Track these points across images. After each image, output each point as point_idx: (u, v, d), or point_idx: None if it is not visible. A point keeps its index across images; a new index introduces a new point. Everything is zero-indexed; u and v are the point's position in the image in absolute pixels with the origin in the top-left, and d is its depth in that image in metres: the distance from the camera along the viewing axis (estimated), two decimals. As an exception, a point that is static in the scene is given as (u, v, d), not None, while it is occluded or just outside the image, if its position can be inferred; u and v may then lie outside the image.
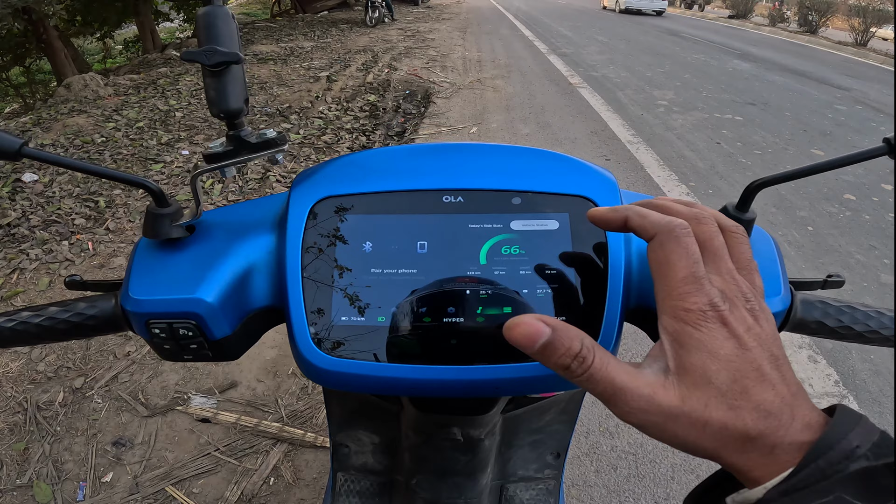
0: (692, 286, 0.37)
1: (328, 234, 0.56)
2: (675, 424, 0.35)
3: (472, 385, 0.55)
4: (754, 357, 0.36)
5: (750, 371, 0.35)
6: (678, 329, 0.37)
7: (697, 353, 0.36)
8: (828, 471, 0.32)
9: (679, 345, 0.37)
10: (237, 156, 0.59)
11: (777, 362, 0.36)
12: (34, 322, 0.58)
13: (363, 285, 0.55)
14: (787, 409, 0.34)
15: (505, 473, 1.06)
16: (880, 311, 0.62)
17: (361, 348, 0.54)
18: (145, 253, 0.59)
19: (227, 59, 0.55)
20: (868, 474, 0.31)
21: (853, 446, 0.32)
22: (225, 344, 0.58)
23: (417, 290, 0.55)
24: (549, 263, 0.55)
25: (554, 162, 0.61)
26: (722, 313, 0.36)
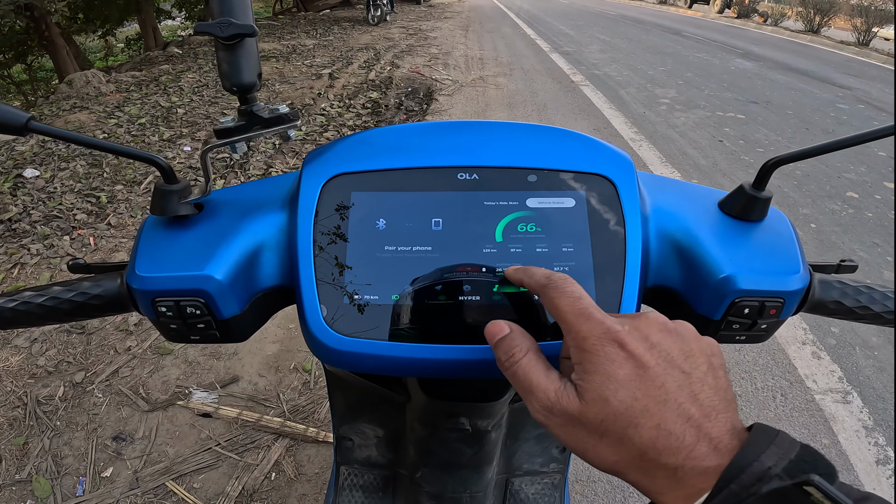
0: (582, 317, 0.40)
1: (340, 212, 0.55)
2: (574, 430, 0.38)
3: (488, 365, 0.54)
4: (657, 375, 0.37)
5: (651, 390, 0.36)
6: (579, 358, 0.39)
7: (596, 376, 0.37)
8: (741, 494, 0.31)
9: (582, 370, 0.39)
10: (249, 130, 0.58)
11: (689, 380, 0.37)
12: (36, 302, 0.57)
13: (376, 263, 0.54)
14: (693, 430, 0.35)
15: (510, 467, 1.05)
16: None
17: (374, 327, 0.53)
18: (152, 231, 0.58)
19: (241, 32, 0.53)
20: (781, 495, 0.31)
21: (766, 467, 0.32)
22: (233, 324, 0.57)
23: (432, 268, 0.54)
24: (566, 241, 0.54)
25: (570, 140, 0.61)
26: (618, 335, 0.38)
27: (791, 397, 2.44)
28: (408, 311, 0.53)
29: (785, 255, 0.58)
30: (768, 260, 0.57)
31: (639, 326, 0.39)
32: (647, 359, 0.37)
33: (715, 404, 0.36)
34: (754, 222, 0.60)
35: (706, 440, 0.34)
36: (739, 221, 0.60)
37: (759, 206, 0.59)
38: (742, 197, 0.60)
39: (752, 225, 0.60)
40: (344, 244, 0.54)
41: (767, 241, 0.59)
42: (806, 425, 2.30)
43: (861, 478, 2.08)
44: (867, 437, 2.25)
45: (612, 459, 0.37)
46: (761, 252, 0.57)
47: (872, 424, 2.32)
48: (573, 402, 0.38)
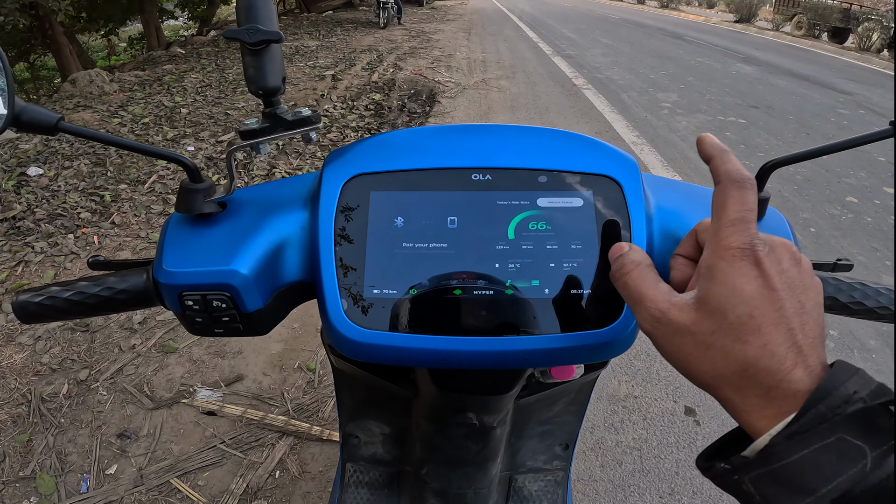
0: (738, 227, 0.40)
1: (360, 210, 0.57)
2: (681, 340, 0.40)
3: (502, 356, 0.56)
4: (778, 298, 0.38)
5: (770, 311, 0.37)
6: (712, 263, 0.40)
7: (721, 287, 0.38)
8: (828, 414, 0.33)
9: (709, 277, 0.39)
10: (273, 132, 0.60)
11: (802, 310, 0.38)
12: (63, 297, 0.59)
13: (395, 259, 0.56)
14: (793, 356, 0.36)
15: (514, 464, 1.07)
16: (890, 289, 0.64)
17: (393, 320, 0.55)
18: (177, 228, 0.60)
19: (268, 38, 0.56)
20: (866, 415, 0.33)
21: (851, 392, 0.34)
22: (256, 317, 0.59)
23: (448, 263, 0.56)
24: (575, 239, 0.56)
25: (579, 143, 0.63)
26: (757, 253, 0.38)
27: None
28: (425, 304, 0.55)
29: None
30: None
31: (776, 249, 0.40)
32: (775, 282, 0.38)
33: (815, 337, 0.38)
34: None
35: (803, 366, 0.36)
36: None
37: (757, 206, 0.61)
38: None
39: None
40: (363, 241, 0.56)
41: None
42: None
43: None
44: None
45: (712, 373, 0.39)
46: None
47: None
48: (686, 314, 0.40)
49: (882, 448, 0.32)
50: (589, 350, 0.56)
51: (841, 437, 0.33)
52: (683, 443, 2.16)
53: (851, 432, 0.33)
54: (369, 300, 0.55)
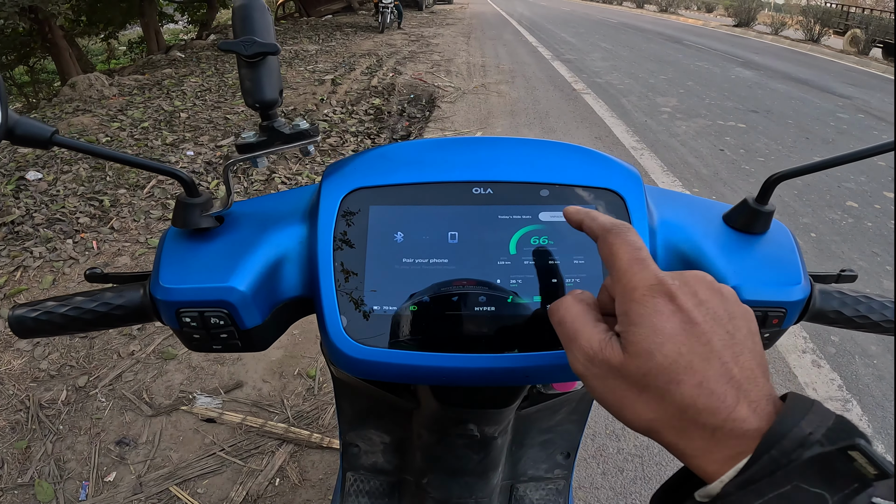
0: (637, 266, 0.39)
1: (359, 225, 0.57)
2: (614, 383, 0.38)
3: (503, 373, 0.56)
4: (703, 331, 0.36)
5: (697, 346, 0.35)
6: (627, 308, 0.38)
7: (642, 329, 0.36)
8: (782, 460, 0.31)
9: (627, 320, 0.38)
10: (270, 146, 0.59)
11: (732, 341, 0.36)
12: (59, 312, 0.58)
13: (395, 275, 0.55)
14: (733, 391, 0.34)
15: (515, 473, 1.06)
16: None
17: (393, 337, 0.55)
18: (174, 242, 0.59)
19: (264, 50, 0.55)
20: (824, 461, 0.31)
21: (806, 433, 0.32)
22: (255, 334, 0.59)
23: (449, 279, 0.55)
24: (577, 254, 0.56)
25: (581, 155, 0.62)
26: (669, 288, 0.37)
27: (792, 407, 2.45)
28: (425, 320, 0.55)
29: (787, 267, 0.60)
30: (771, 272, 0.59)
31: (688, 282, 0.38)
32: (695, 314, 0.36)
33: (753, 368, 0.36)
34: (757, 235, 0.63)
35: (746, 402, 0.34)
36: (743, 234, 0.63)
37: (762, 219, 0.62)
38: (745, 210, 0.62)
39: (755, 237, 0.62)
40: (363, 256, 0.56)
41: (770, 253, 0.61)
42: (807, 435, 2.31)
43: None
44: (867, 447, 2.26)
45: (650, 417, 0.36)
46: (764, 264, 0.60)
47: (872, 432, 2.32)
48: (616, 353, 0.38)
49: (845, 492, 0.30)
50: None
51: (797, 485, 0.31)
52: (685, 450, 2.16)
53: (809, 480, 0.31)
54: (369, 317, 0.55)
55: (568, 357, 0.41)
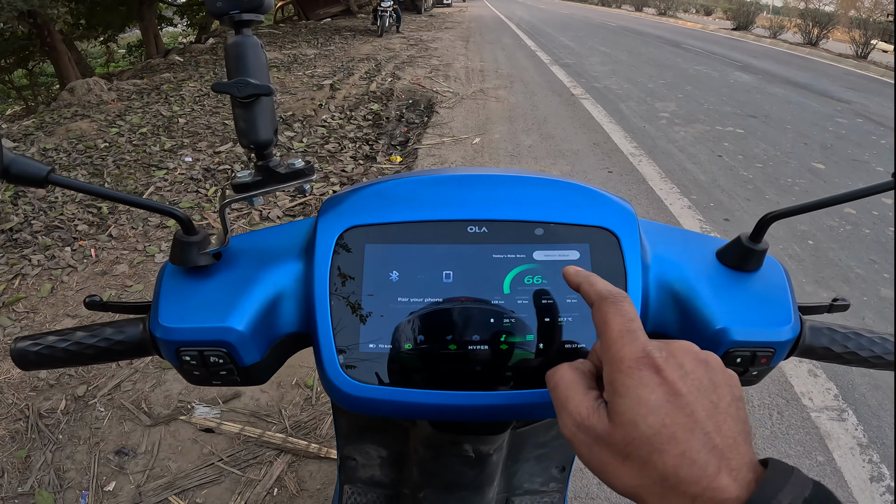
0: (626, 338, 0.40)
1: (355, 264, 0.58)
2: (599, 449, 0.39)
3: (495, 409, 0.57)
4: (687, 403, 0.37)
5: (680, 417, 0.36)
6: (613, 378, 0.39)
7: (627, 400, 0.38)
8: None
9: (613, 391, 0.39)
10: (266, 186, 0.59)
11: (716, 410, 0.37)
12: (60, 347, 0.59)
13: (390, 314, 0.56)
14: (715, 460, 0.35)
15: (511, 487, 1.07)
16: (884, 337, 0.65)
17: (389, 374, 0.56)
18: (172, 279, 0.60)
19: (258, 92, 0.55)
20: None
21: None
22: (253, 370, 0.60)
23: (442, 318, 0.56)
24: (570, 293, 0.57)
25: (575, 193, 0.63)
26: (655, 361, 0.38)
27: (787, 415, 2.46)
28: (420, 359, 0.56)
29: (777, 306, 0.60)
30: (761, 311, 0.60)
31: (674, 353, 0.39)
32: (679, 386, 0.37)
33: (735, 435, 0.36)
34: (750, 272, 0.63)
35: (727, 471, 0.34)
36: (735, 272, 0.63)
37: (754, 257, 0.62)
38: (739, 248, 0.62)
39: (747, 275, 0.63)
40: (359, 295, 0.57)
41: (761, 291, 0.61)
42: (801, 442, 2.32)
43: (855, 494, 2.10)
44: (861, 455, 2.27)
45: (633, 483, 0.37)
46: (754, 303, 0.60)
47: (867, 442, 2.33)
48: (602, 421, 0.39)
49: None
50: None
51: None
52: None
53: None
54: (365, 354, 0.56)
55: (558, 421, 0.43)
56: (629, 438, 0.37)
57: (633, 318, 0.41)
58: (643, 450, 0.36)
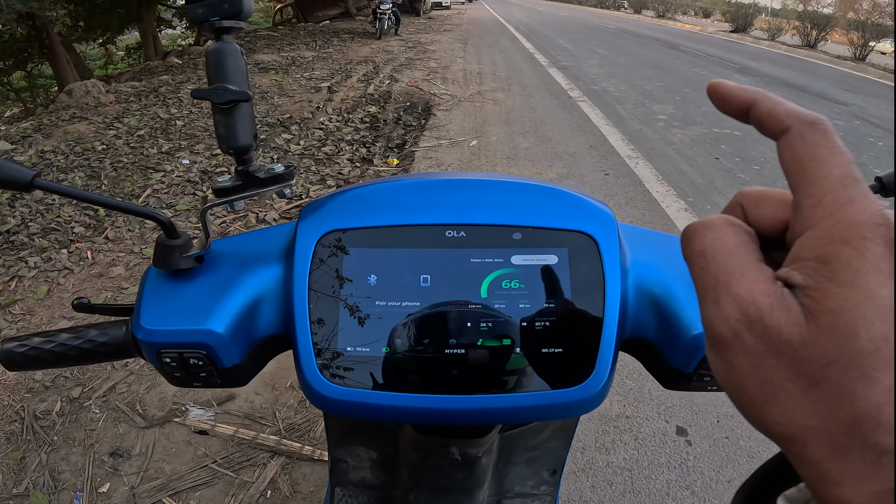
0: (855, 190, 0.25)
1: (334, 267, 0.58)
2: (774, 364, 0.25)
3: (472, 414, 0.57)
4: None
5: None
6: (831, 251, 0.24)
7: (852, 291, 0.23)
8: None
9: (829, 273, 0.24)
10: (246, 190, 0.60)
11: None
12: (45, 348, 0.60)
13: (368, 317, 0.57)
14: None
15: (501, 490, 1.07)
16: None
17: (365, 377, 0.56)
18: (155, 282, 0.61)
19: (236, 98, 0.56)
20: None
21: None
22: (234, 372, 0.60)
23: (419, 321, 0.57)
24: (548, 297, 0.57)
25: (553, 197, 0.63)
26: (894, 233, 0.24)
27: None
28: (397, 362, 0.56)
29: None
30: None
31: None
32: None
33: None
34: None
35: None
36: None
37: None
38: None
39: None
40: (337, 298, 0.57)
41: None
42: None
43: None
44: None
45: (807, 423, 0.24)
46: None
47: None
48: (794, 321, 0.24)
49: None
50: (559, 408, 0.57)
51: None
52: (674, 463, 2.16)
53: None
54: (342, 357, 0.56)
55: (704, 310, 0.27)
56: (836, 353, 0.23)
57: (852, 159, 0.26)
58: (849, 374, 0.23)
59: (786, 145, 0.28)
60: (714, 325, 0.26)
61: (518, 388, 0.56)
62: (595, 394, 0.56)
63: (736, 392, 0.26)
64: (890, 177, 0.53)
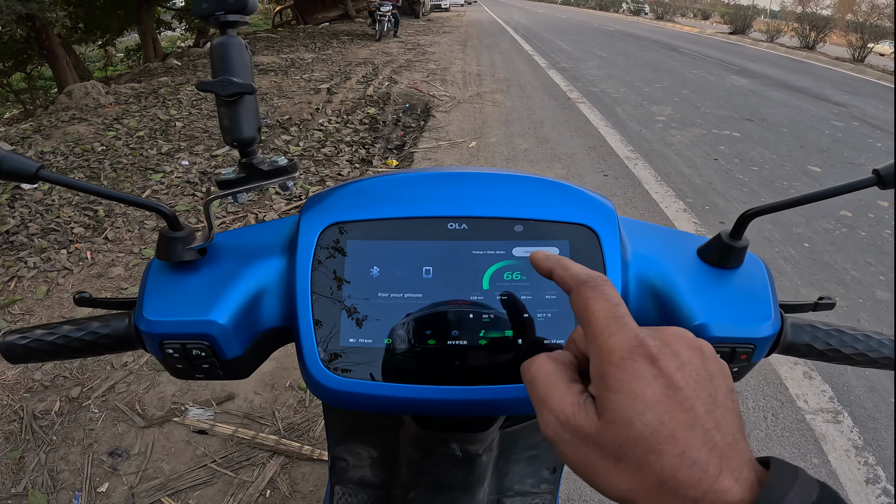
0: (615, 326, 0.36)
1: (336, 260, 0.58)
2: (587, 451, 0.35)
3: (474, 405, 0.57)
4: (686, 397, 0.33)
5: (680, 414, 0.32)
6: (603, 371, 0.35)
7: (621, 395, 0.33)
8: None
9: (604, 385, 0.35)
10: (249, 182, 0.61)
11: (714, 404, 0.34)
12: (48, 340, 0.60)
13: (371, 308, 0.57)
14: (716, 460, 0.31)
15: (501, 488, 1.07)
16: (867, 335, 0.65)
17: (368, 369, 0.56)
18: (158, 274, 0.61)
19: (241, 90, 0.56)
20: None
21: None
22: (236, 364, 0.60)
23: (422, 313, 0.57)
24: (549, 289, 0.57)
25: (555, 190, 0.63)
26: (650, 350, 0.34)
27: (782, 417, 2.46)
28: (399, 353, 0.56)
29: (757, 303, 0.61)
30: (741, 307, 0.60)
31: (669, 342, 0.35)
32: (677, 378, 0.33)
33: (735, 431, 0.33)
34: (731, 269, 0.63)
35: (728, 471, 0.31)
36: (716, 269, 0.63)
37: (735, 254, 0.62)
38: (719, 245, 0.63)
39: (728, 272, 0.63)
40: (340, 290, 0.57)
41: (742, 288, 0.62)
42: (797, 445, 2.32)
43: (851, 496, 2.10)
44: (857, 457, 2.27)
45: (626, 487, 0.33)
46: (735, 300, 0.60)
47: (863, 444, 2.33)
48: (590, 419, 0.34)
49: None
50: None
51: None
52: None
53: None
54: (345, 349, 0.56)
55: (538, 420, 0.38)
56: (623, 438, 0.33)
57: (618, 302, 0.37)
58: (638, 450, 0.32)
59: (572, 299, 0.40)
60: (543, 429, 0.37)
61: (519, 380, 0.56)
62: None
63: (575, 470, 0.36)
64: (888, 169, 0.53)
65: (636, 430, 0.32)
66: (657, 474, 0.32)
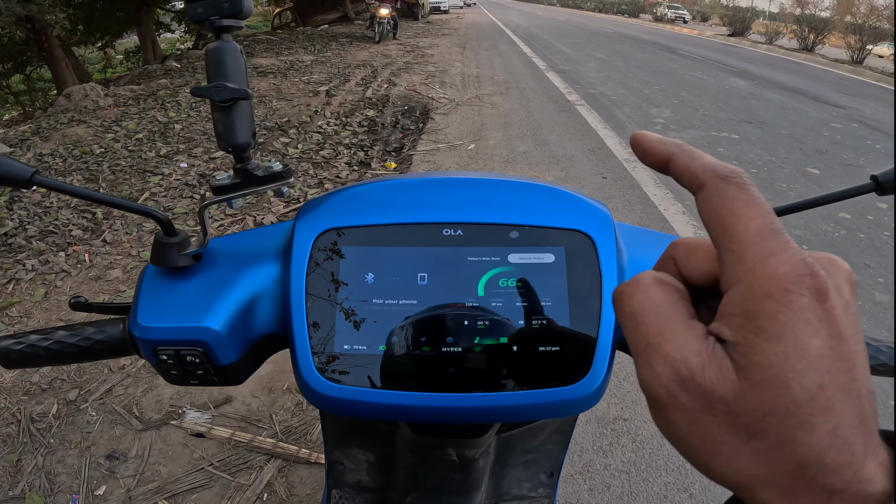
0: (774, 242, 0.25)
1: (331, 266, 0.58)
2: (711, 422, 0.25)
3: (469, 412, 0.57)
4: (850, 351, 0.24)
5: (841, 375, 0.23)
6: (755, 307, 0.24)
7: (781, 346, 0.23)
8: None
9: (755, 328, 0.24)
10: (244, 188, 0.61)
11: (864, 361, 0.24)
12: (42, 346, 0.60)
13: (365, 315, 0.57)
14: (862, 438, 0.23)
15: (498, 492, 1.07)
16: (866, 342, 0.64)
17: (362, 375, 0.56)
18: (153, 280, 0.61)
19: (235, 96, 0.56)
20: None
21: None
22: (230, 370, 0.60)
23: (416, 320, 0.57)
24: (545, 296, 0.57)
25: (551, 196, 0.63)
26: (820, 282, 0.24)
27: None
28: (394, 360, 0.56)
29: None
30: None
31: (832, 272, 0.26)
32: (843, 325, 0.24)
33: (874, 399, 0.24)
34: None
35: (873, 453, 0.23)
36: None
37: None
38: None
39: None
40: (334, 297, 0.57)
41: None
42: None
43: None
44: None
45: (753, 472, 0.24)
46: None
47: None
48: (727, 378, 0.24)
49: None
50: (556, 406, 0.56)
51: None
52: (672, 466, 2.16)
53: None
54: (339, 355, 0.56)
55: (639, 370, 0.27)
56: (771, 407, 0.23)
57: (770, 210, 0.26)
58: (785, 425, 0.23)
59: (703, 200, 0.28)
60: (649, 386, 0.27)
61: (515, 387, 0.56)
62: (592, 392, 0.56)
63: (679, 446, 0.27)
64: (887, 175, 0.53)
65: (790, 397, 0.23)
66: (799, 457, 0.23)
